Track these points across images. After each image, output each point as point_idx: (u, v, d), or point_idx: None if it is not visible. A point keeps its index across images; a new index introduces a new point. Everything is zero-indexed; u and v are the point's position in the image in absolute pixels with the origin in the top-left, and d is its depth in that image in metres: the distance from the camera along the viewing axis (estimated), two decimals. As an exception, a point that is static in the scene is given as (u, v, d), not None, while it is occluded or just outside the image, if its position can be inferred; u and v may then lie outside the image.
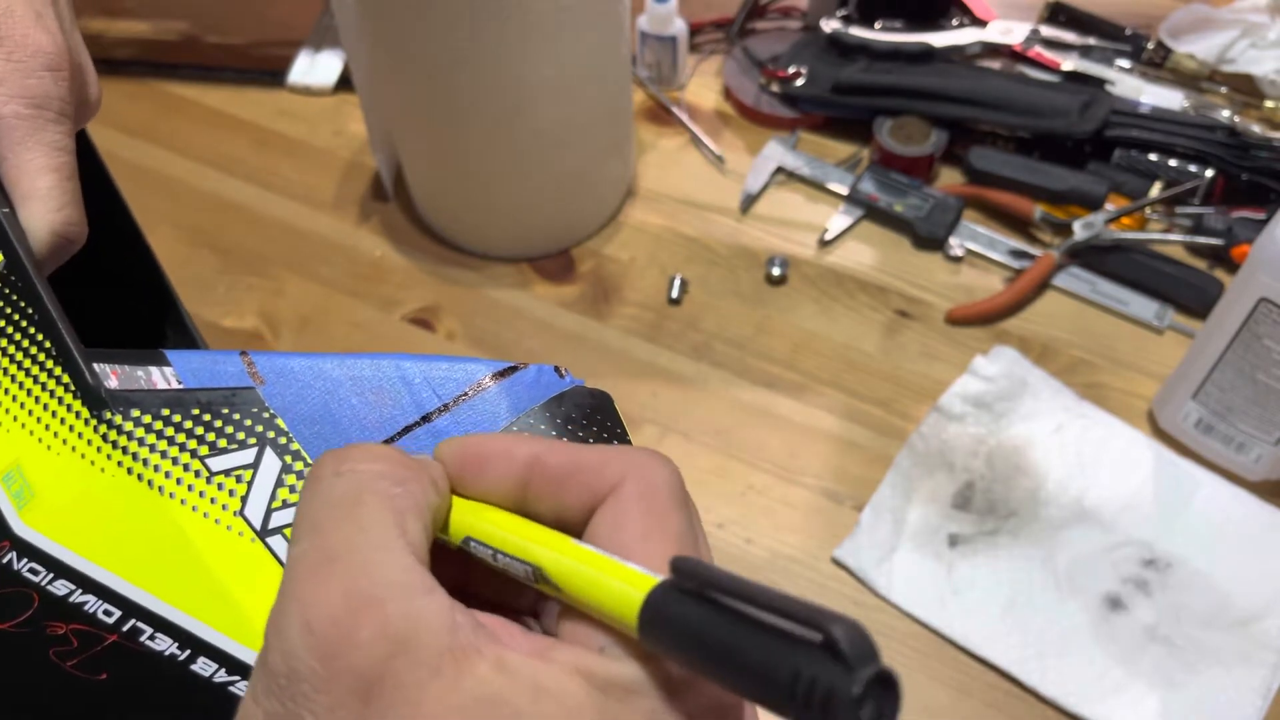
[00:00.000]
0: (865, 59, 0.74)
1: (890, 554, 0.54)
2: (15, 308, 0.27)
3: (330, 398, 0.28)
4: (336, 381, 0.28)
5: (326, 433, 0.27)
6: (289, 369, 0.28)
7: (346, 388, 0.28)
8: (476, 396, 0.28)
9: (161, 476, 0.26)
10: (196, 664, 0.25)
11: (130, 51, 0.81)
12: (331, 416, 0.27)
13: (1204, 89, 0.73)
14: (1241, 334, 0.52)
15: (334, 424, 0.27)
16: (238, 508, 0.27)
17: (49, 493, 0.26)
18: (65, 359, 0.27)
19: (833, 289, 0.66)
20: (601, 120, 0.63)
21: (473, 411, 0.28)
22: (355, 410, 0.28)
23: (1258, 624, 0.52)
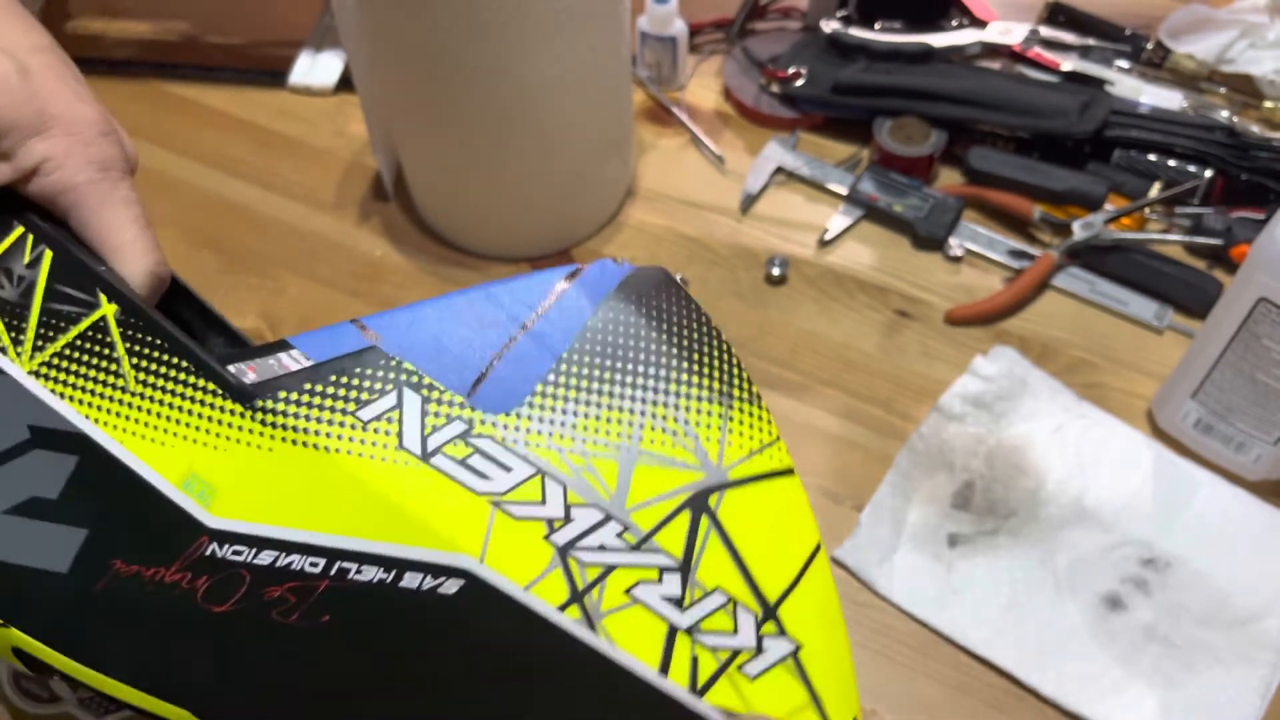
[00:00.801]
0: (865, 59, 0.75)
1: (890, 554, 0.54)
2: (144, 344, 0.30)
3: (440, 333, 0.31)
4: (440, 319, 0.31)
5: (446, 361, 0.30)
6: (396, 322, 0.31)
7: (451, 321, 0.31)
8: (559, 299, 0.31)
9: (322, 439, 0.29)
10: (404, 580, 0.28)
11: (130, 52, 0.81)
12: (446, 348, 0.30)
13: (1203, 89, 0.73)
14: (1241, 334, 0.52)
15: (450, 353, 0.30)
16: (396, 444, 0.29)
17: (228, 484, 0.29)
18: (205, 370, 0.30)
19: (832, 289, 0.66)
20: (601, 120, 0.63)
21: (560, 312, 0.31)
22: (465, 338, 0.31)
23: (1257, 624, 0.52)
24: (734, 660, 0.28)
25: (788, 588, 0.29)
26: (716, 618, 0.28)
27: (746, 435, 0.30)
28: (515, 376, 0.30)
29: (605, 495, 0.29)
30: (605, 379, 0.30)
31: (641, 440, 0.29)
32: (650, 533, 0.28)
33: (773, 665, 0.28)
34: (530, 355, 0.31)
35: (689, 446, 0.30)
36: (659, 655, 0.28)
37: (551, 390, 0.30)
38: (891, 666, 0.51)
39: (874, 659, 0.51)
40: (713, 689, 0.28)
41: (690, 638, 0.28)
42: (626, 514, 0.29)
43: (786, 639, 0.29)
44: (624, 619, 0.28)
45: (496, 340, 0.31)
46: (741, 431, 0.30)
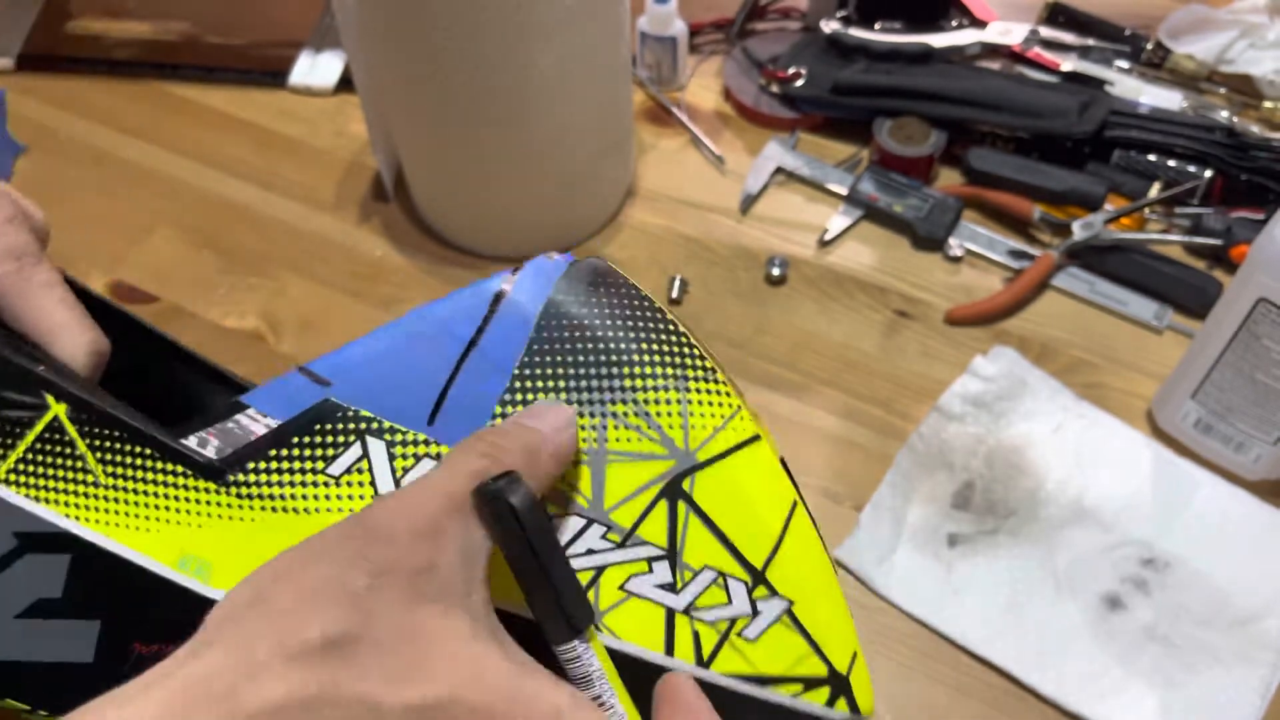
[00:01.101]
0: (865, 60, 0.75)
1: (890, 554, 0.54)
2: (104, 437, 0.30)
3: (389, 365, 0.30)
4: (386, 351, 0.31)
5: (401, 393, 0.30)
6: (344, 362, 0.31)
7: (398, 351, 0.31)
8: (500, 310, 0.31)
9: (299, 501, 0.30)
10: None
11: (131, 52, 0.81)
12: (398, 380, 0.30)
13: (1203, 89, 0.73)
14: (1240, 334, 0.52)
15: (404, 384, 0.30)
16: (372, 493, 0.30)
17: (220, 558, 0.30)
18: (170, 454, 0.30)
19: (832, 289, 0.66)
20: (601, 120, 0.64)
21: (502, 323, 0.31)
22: (414, 365, 0.30)
23: (1257, 624, 0.52)
24: (733, 628, 0.30)
25: (771, 551, 0.31)
26: (710, 593, 0.30)
27: (707, 414, 0.31)
28: (471, 397, 0.30)
29: (584, 502, 0.29)
30: (560, 387, 0.30)
31: (608, 442, 0.30)
32: (632, 528, 0.29)
33: (770, 625, 0.30)
34: (482, 372, 0.30)
35: (654, 438, 0.30)
36: (662, 639, 0.29)
37: (509, 410, 0.30)
38: (891, 667, 0.51)
39: (873, 659, 0.51)
40: (718, 658, 0.30)
41: (689, 617, 0.30)
42: (606, 515, 0.29)
43: (779, 598, 0.30)
44: (623, 613, 0.29)
45: (445, 363, 0.30)
46: (702, 412, 0.31)
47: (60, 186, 0.73)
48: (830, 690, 0.31)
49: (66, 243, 0.69)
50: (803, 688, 0.31)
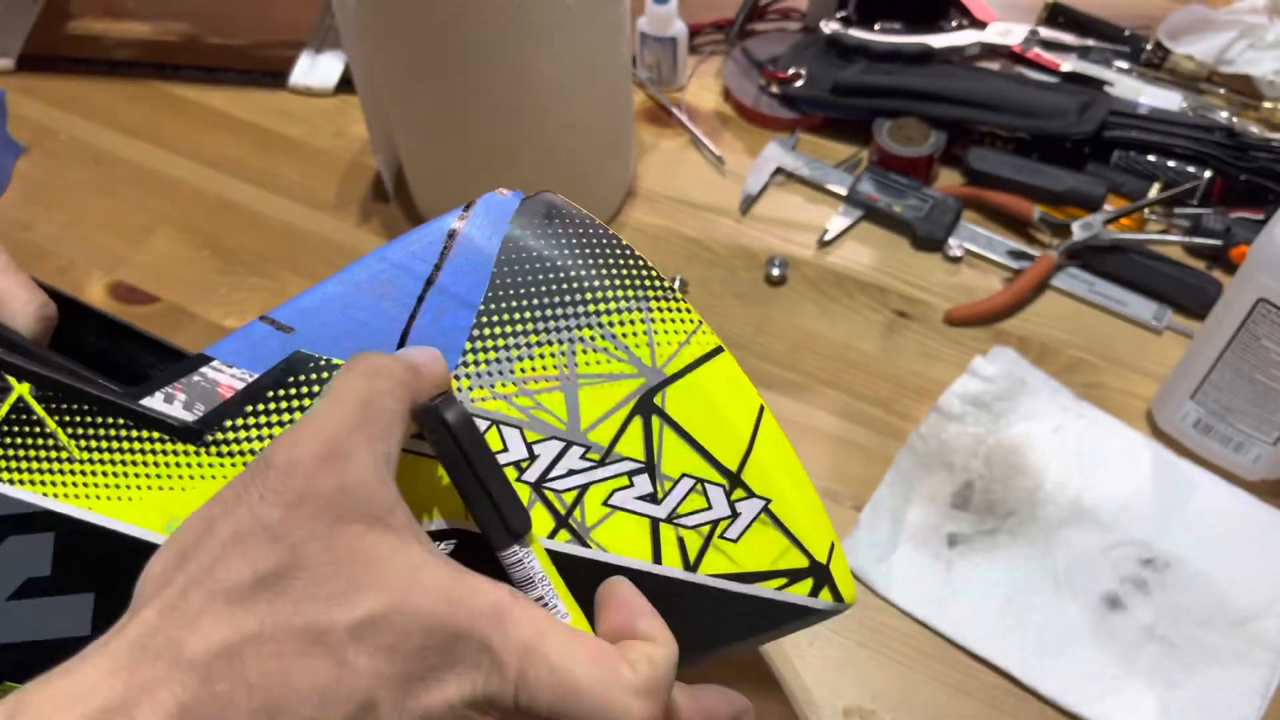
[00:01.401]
0: (864, 60, 0.75)
1: (889, 553, 0.54)
2: (72, 412, 0.30)
3: (350, 308, 0.31)
4: (346, 295, 0.31)
5: (364, 336, 0.31)
6: (304, 308, 0.31)
7: (357, 294, 0.31)
8: (456, 245, 0.31)
9: None
10: None
11: (132, 53, 0.81)
12: (360, 323, 0.31)
13: (1202, 90, 0.73)
14: (1240, 334, 0.52)
15: (366, 327, 0.31)
16: None
17: None
18: (144, 420, 0.30)
19: (832, 289, 0.66)
20: (601, 121, 0.64)
21: (461, 258, 0.31)
22: (374, 306, 0.31)
23: (1256, 623, 0.52)
24: (715, 530, 0.32)
25: (744, 454, 0.32)
26: (690, 500, 0.31)
27: (671, 331, 0.32)
28: (434, 333, 0.31)
29: (560, 425, 0.30)
30: (527, 318, 0.31)
31: (578, 366, 0.31)
32: (610, 445, 0.31)
33: (750, 524, 0.32)
34: (444, 309, 0.31)
35: (622, 358, 0.31)
36: (649, 548, 0.31)
37: (480, 344, 0.31)
38: (890, 666, 0.51)
39: (873, 659, 0.51)
40: (704, 560, 0.32)
41: (672, 524, 0.31)
42: (584, 435, 0.30)
43: (756, 498, 0.32)
44: (609, 527, 0.31)
45: (406, 302, 0.31)
46: (665, 329, 0.32)
47: (60, 187, 0.73)
48: (813, 581, 0.33)
49: (67, 243, 0.69)
50: (786, 580, 0.32)
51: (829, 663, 0.51)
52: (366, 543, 0.24)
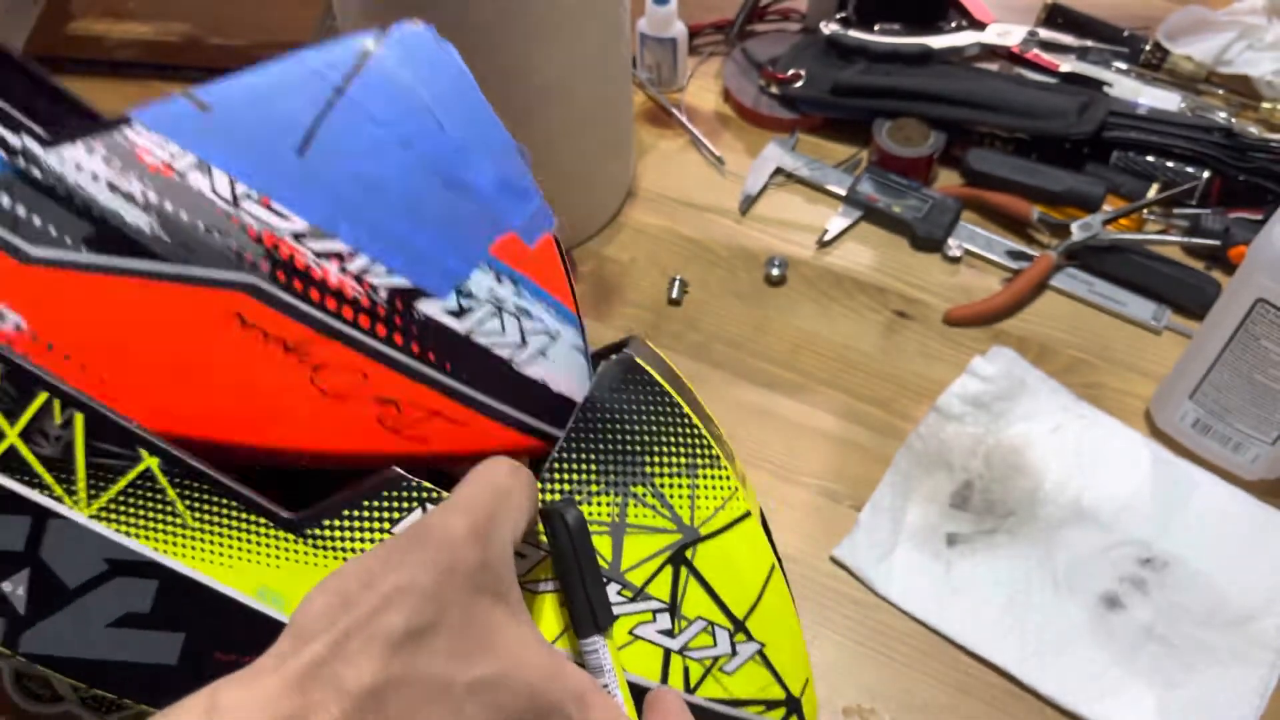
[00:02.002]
0: (864, 61, 0.75)
1: (889, 553, 0.54)
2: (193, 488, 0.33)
3: (266, 98, 0.34)
4: (266, 86, 0.34)
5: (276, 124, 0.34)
6: (228, 92, 0.34)
7: (275, 87, 0.34)
8: (369, 65, 0.35)
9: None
10: None
11: (132, 53, 0.81)
12: (274, 112, 0.34)
13: (1201, 90, 0.73)
14: (1239, 334, 0.52)
15: (278, 116, 0.34)
16: None
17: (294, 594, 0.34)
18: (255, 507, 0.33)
19: (832, 289, 0.66)
20: (602, 122, 0.64)
21: (375, 77, 0.35)
22: (288, 99, 0.34)
23: (1255, 623, 0.52)
24: (715, 663, 0.37)
25: (751, 606, 0.38)
26: (700, 638, 0.37)
27: (711, 496, 0.38)
28: (337, 139, 0.34)
29: (605, 564, 0.35)
30: (592, 470, 0.35)
31: (627, 516, 0.36)
32: (643, 586, 0.36)
33: (744, 662, 0.38)
34: (350, 121, 0.34)
35: (665, 515, 0.36)
36: (659, 671, 0.36)
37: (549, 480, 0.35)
38: (890, 666, 0.51)
39: (872, 658, 0.51)
40: (702, 685, 0.37)
41: (681, 655, 0.37)
42: (622, 575, 0.35)
43: (753, 642, 0.38)
44: (630, 652, 0.35)
45: (315, 102, 0.34)
46: (706, 494, 0.38)
47: (61, 187, 0.73)
48: (785, 710, 0.39)
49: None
50: (765, 708, 0.39)
51: (829, 663, 0.51)
52: (493, 615, 0.29)
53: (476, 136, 0.36)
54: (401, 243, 0.35)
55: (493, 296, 0.35)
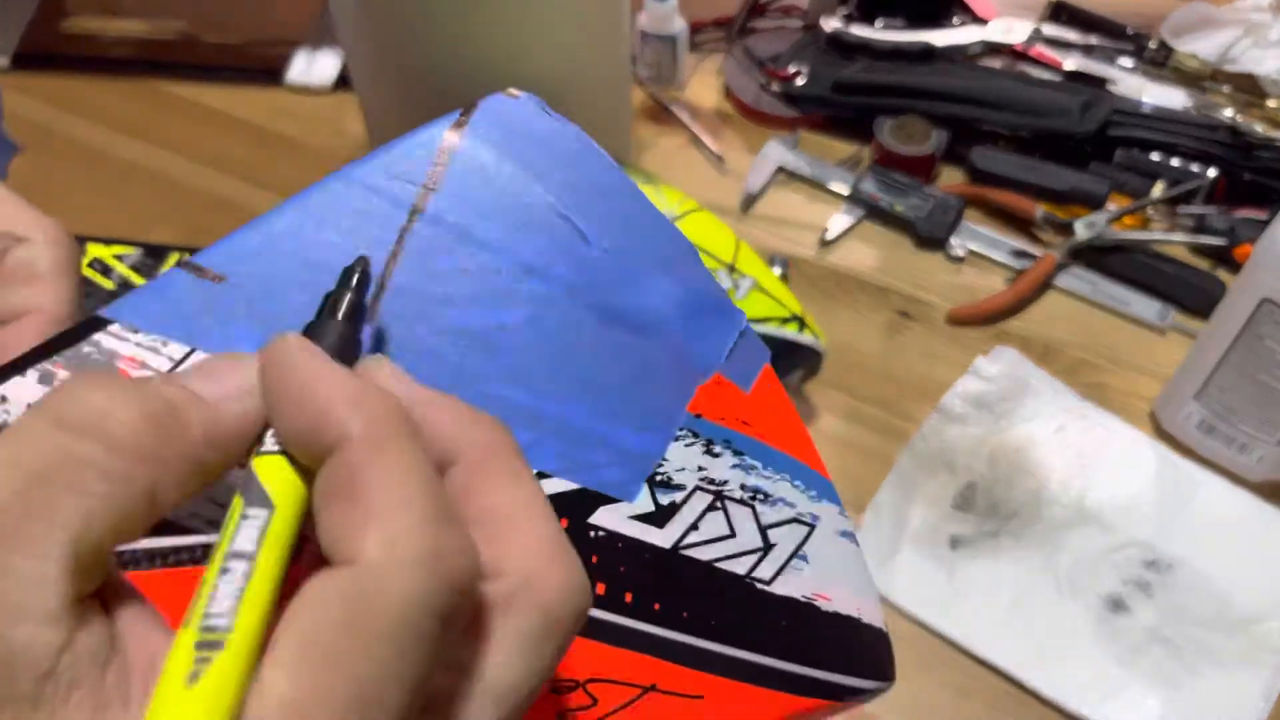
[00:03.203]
0: (866, 58, 0.74)
1: (892, 555, 0.54)
2: None
3: (302, 249, 0.23)
4: (298, 231, 0.23)
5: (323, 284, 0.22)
6: (242, 250, 0.23)
7: (313, 230, 0.23)
8: (452, 161, 0.24)
9: None
10: None
11: (128, 50, 0.81)
12: (317, 266, 0.23)
13: (1206, 88, 0.73)
14: (1244, 334, 0.52)
15: (325, 271, 0.23)
16: None
17: None
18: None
19: (833, 289, 0.66)
20: (601, 119, 0.63)
21: (458, 179, 0.24)
22: (338, 246, 0.23)
23: (1259, 625, 0.51)
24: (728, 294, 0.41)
25: (734, 255, 0.52)
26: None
27: (671, 196, 0.54)
28: (422, 283, 0.23)
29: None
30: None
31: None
32: None
33: (749, 291, 0.51)
34: (439, 253, 0.23)
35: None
36: None
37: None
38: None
39: (875, 661, 0.51)
40: None
41: None
42: None
43: (747, 278, 0.52)
44: None
45: (383, 238, 0.23)
46: (666, 194, 0.55)
47: (56, 186, 0.72)
48: (798, 324, 0.53)
49: (63, 242, 0.69)
50: (780, 322, 0.52)
51: (830, 666, 0.51)
52: None
53: (637, 243, 0.25)
54: (551, 424, 0.23)
55: (706, 480, 0.24)
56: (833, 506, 0.26)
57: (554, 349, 0.24)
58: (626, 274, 0.24)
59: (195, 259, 0.23)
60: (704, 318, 0.25)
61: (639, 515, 0.24)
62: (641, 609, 0.23)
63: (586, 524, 0.23)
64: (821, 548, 0.25)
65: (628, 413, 0.24)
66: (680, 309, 0.25)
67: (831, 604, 0.25)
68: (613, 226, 0.25)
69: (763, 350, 0.26)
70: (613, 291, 0.24)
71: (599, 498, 0.23)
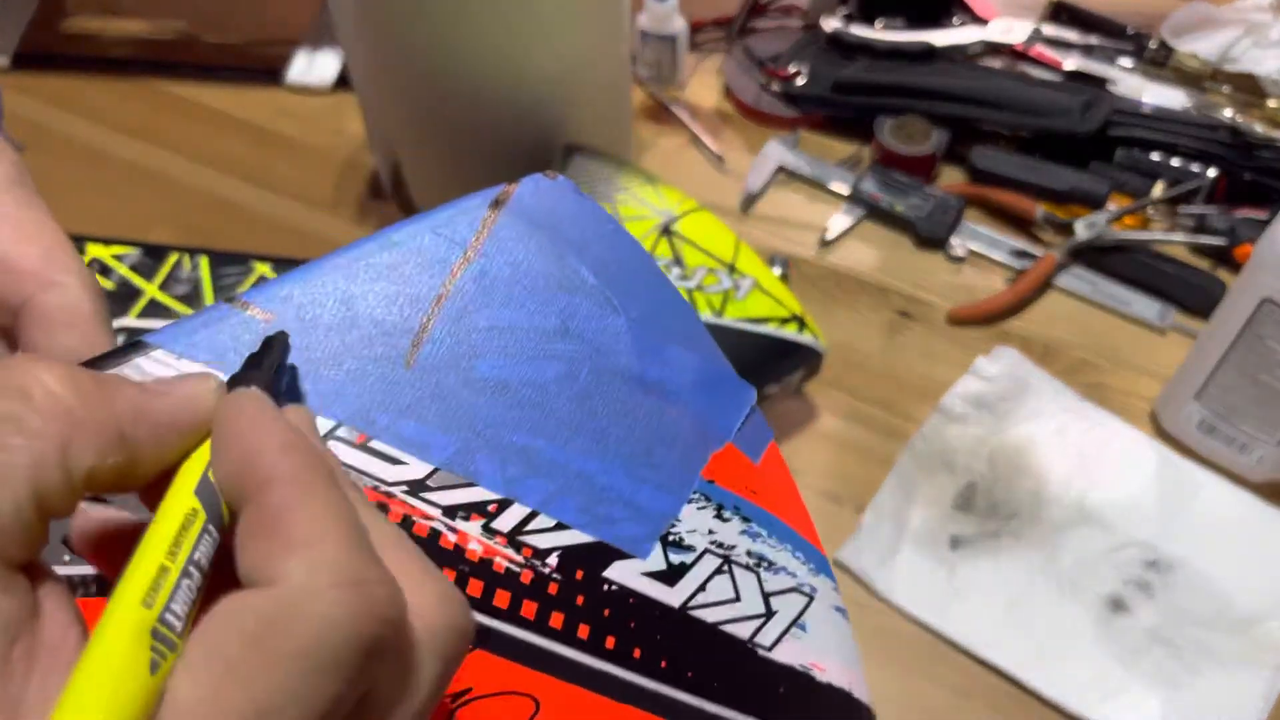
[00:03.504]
0: (866, 58, 0.74)
1: (892, 556, 0.54)
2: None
3: (350, 297, 0.24)
4: (346, 281, 0.25)
5: (366, 331, 0.24)
6: (289, 293, 0.24)
7: (361, 280, 0.25)
8: (492, 231, 0.26)
9: None
10: None
11: (128, 50, 0.80)
12: (362, 315, 0.24)
13: (1206, 88, 0.73)
14: (1244, 334, 0.52)
15: (369, 320, 0.24)
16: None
17: None
18: None
19: (834, 289, 0.66)
20: (601, 119, 0.63)
21: (500, 244, 0.25)
22: (381, 297, 0.24)
23: (1260, 626, 0.51)
24: (727, 295, 0.50)
25: (733, 254, 0.53)
26: (708, 279, 0.49)
27: (672, 197, 0.55)
28: (459, 338, 0.25)
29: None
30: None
31: (620, 215, 0.48)
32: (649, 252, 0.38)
33: (749, 291, 0.53)
34: (476, 309, 0.25)
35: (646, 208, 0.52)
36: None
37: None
38: (892, 668, 0.51)
39: (875, 661, 0.51)
40: (725, 310, 0.50)
41: (701, 292, 0.49)
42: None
43: (747, 277, 0.53)
44: None
45: (426, 292, 0.25)
46: (666, 195, 0.56)
47: (56, 186, 0.72)
48: (797, 324, 0.54)
49: (62, 242, 0.69)
50: (780, 323, 0.53)
51: (830, 666, 0.51)
52: None
53: (660, 316, 0.26)
54: (573, 478, 0.24)
55: (715, 543, 0.25)
56: (829, 581, 0.27)
57: (580, 407, 0.25)
58: (651, 343, 0.26)
59: (244, 296, 0.24)
60: (719, 390, 0.26)
61: (651, 572, 0.24)
62: (649, 665, 0.24)
63: (601, 577, 0.24)
64: (818, 619, 0.26)
65: (647, 472, 0.25)
66: (698, 380, 0.26)
67: (826, 675, 0.26)
68: (639, 299, 0.26)
69: (768, 429, 0.27)
70: (637, 358, 0.26)
71: (613, 552, 0.24)
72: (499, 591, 0.23)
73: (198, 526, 0.18)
